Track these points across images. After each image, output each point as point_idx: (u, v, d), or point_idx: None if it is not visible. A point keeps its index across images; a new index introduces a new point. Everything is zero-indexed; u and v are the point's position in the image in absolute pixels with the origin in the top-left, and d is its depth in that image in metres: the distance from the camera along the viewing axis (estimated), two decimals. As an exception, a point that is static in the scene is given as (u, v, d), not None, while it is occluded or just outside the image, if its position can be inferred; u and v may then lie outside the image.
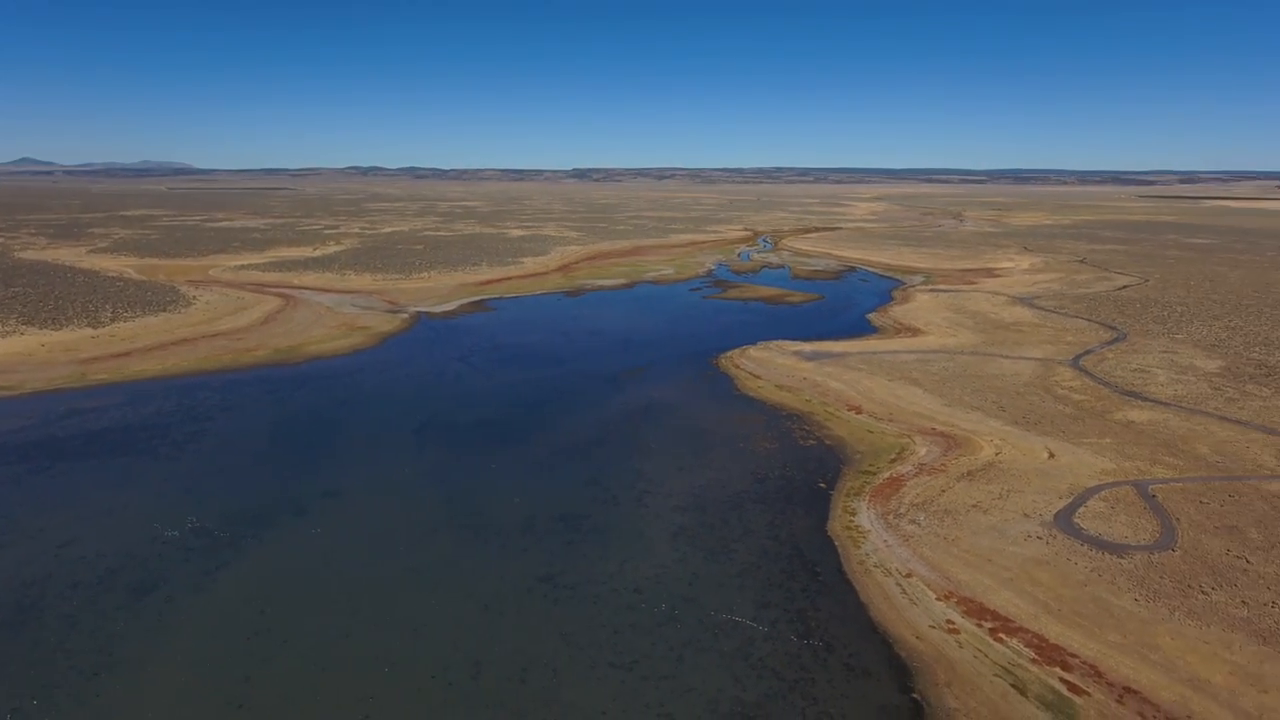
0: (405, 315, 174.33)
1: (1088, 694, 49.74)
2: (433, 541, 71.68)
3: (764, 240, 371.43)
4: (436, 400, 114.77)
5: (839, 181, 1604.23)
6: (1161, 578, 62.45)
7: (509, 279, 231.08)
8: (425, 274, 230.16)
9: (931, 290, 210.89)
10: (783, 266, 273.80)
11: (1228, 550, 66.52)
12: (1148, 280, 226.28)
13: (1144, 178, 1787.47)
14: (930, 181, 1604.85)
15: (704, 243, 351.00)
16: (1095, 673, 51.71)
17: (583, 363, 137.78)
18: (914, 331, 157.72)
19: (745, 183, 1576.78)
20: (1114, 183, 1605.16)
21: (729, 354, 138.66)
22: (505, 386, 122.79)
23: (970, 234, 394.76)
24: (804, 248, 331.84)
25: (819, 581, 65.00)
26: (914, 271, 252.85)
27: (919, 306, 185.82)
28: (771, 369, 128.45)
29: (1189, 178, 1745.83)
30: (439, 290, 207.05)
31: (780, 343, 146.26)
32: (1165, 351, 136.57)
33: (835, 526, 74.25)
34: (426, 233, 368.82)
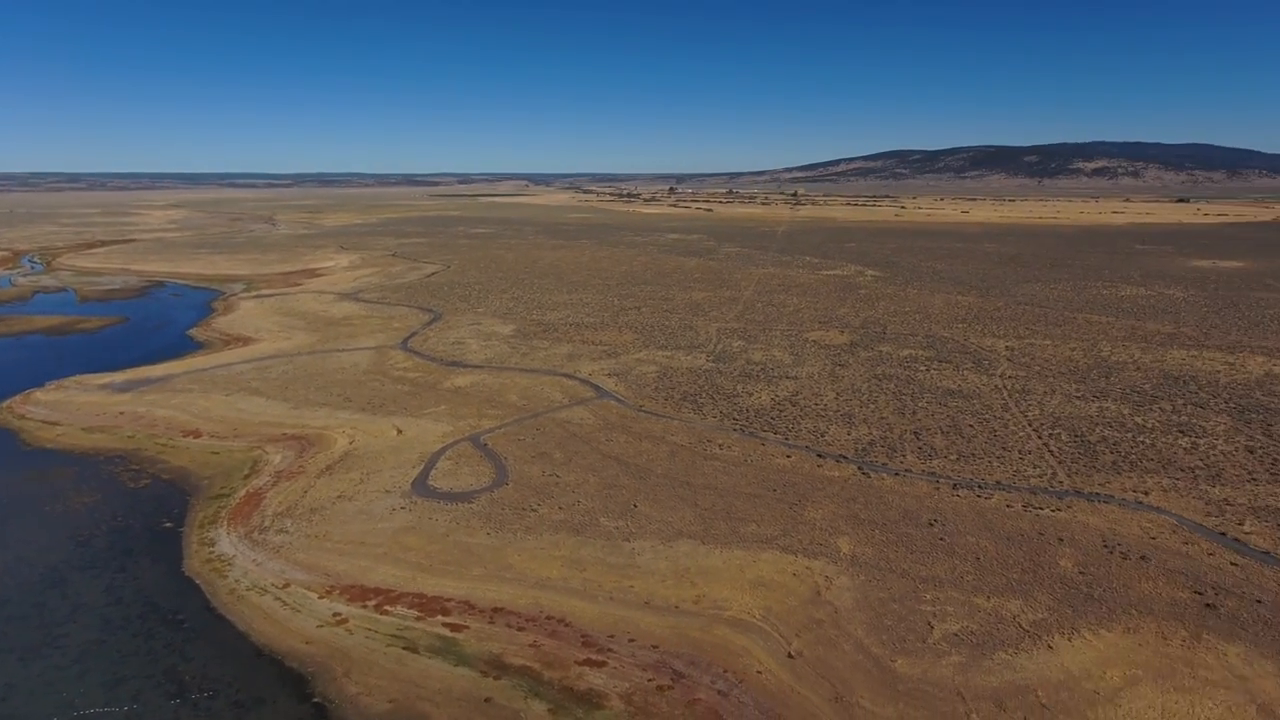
0: None
1: (466, 627, 55.66)
2: None
3: (30, 260, 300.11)
4: None
5: (122, 188, 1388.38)
6: (503, 509, 73.39)
7: None
8: None
9: (256, 297, 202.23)
10: (65, 289, 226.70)
11: (544, 472, 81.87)
12: (450, 266, 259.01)
13: (431, 179, 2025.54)
14: (234, 186, 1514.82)
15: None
16: (469, 607, 58.11)
17: None
18: (245, 340, 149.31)
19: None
20: (408, 184, 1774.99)
21: (4, 404, 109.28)
22: None
23: (286, 237, 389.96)
24: (91, 265, 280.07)
25: (185, 629, 57.18)
26: (233, 280, 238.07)
27: (246, 314, 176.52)
28: (73, 411, 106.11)
29: (465, 179, 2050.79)
30: None
31: (80, 378, 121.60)
32: (473, 324, 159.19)
33: (194, 564, 66.16)
34: None
